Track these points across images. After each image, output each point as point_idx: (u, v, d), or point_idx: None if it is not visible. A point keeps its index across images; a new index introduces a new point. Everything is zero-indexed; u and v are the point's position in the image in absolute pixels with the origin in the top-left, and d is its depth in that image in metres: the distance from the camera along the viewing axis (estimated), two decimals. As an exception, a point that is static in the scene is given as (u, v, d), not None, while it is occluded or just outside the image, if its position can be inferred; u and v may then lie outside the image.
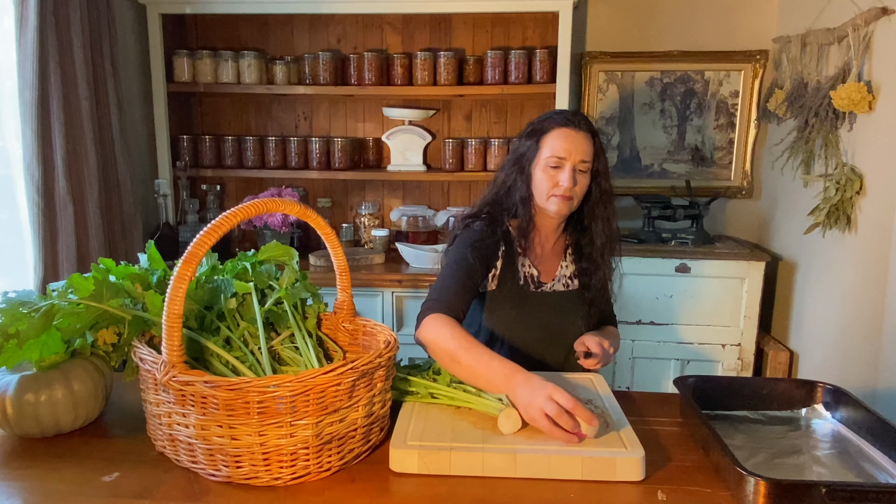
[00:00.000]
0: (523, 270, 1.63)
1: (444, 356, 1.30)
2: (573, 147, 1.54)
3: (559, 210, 1.57)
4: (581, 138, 1.55)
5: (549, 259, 1.68)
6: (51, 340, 1.14)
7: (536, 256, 1.66)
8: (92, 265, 1.21)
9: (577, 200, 1.59)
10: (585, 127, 1.57)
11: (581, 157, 1.55)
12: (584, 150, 1.55)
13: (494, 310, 1.62)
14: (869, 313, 2.09)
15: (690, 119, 3.00)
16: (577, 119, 1.57)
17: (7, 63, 2.14)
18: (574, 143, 1.55)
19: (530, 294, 1.63)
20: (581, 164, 1.55)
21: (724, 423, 1.28)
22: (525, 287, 1.63)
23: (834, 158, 2.31)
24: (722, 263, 2.57)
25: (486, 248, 1.57)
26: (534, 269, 1.65)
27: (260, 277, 1.29)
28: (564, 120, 1.57)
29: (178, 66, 2.84)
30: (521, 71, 2.77)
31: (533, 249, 1.65)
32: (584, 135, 1.56)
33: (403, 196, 3.14)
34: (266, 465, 1.02)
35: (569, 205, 1.58)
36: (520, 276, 1.63)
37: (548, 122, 1.59)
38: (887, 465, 1.12)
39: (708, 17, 2.93)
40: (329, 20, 2.98)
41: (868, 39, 2.13)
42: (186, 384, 0.98)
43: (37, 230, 2.12)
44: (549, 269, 1.67)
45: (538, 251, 1.66)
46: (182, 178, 2.89)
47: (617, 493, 1.03)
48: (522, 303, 1.62)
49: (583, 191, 1.59)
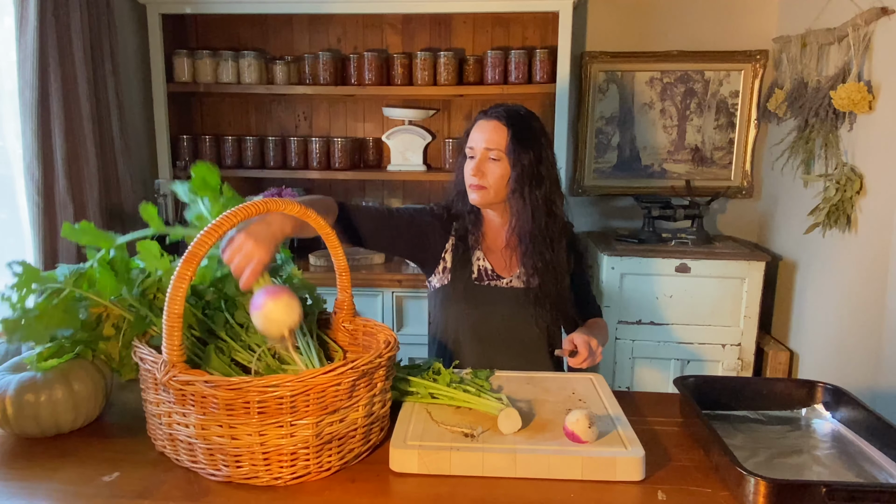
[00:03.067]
0: (477, 264, 1.64)
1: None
2: (481, 136, 1.56)
3: (474, 199, 1.58)
4: (491, 127, 1.56)
5: (506, 254, 1.65)
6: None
7: (490, 250, 1.66)
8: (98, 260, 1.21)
9: (492, 190, 1.56)
10: (497, 116, 1.56)
11: (486, 144, 1.55)
12: (492, 139, 1.55)
13: (450, 304, 1.64)
14: (869, 313, 2.09)
15: (690, 119, 3.00)
16: (494, 110, 1.59)
17: (7, 63, 2.14)
18: (482, 132, 1.56)
19: (482, 288, 1.63)
20: (488, 152, 1.55)
21: (724, 423, 1.28)
22: (478, 280, 1.63)
23: (834, 158, 2.31)
24: (722, 263, 2.57)
25: (420, 218, 1.63)
26: (487, 263, 1.64)
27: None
28: (483, 112, 1.60)
29: (178, 66, 2.84)
30: (521, 71, 2.77)
31: (485, 242, 1.66)
32: (494, 123, 1.56)
33: (403, 196, 3.14)
34: (266, 465, 1.02)
35: (482, 194, 1.57)
36: (473, 269, 1.64)
37: (476, 118, 1.62)
38: (887, 465, 1.12)
39: (708, 17, 2.93)
40: (329, 20, 2.98)
41: (868, 39, 2.13)
42: (186, 384, 0.98)
43: (37, 230, 2.12)
44: (509, 265, 1.65)
45: (490, 244, 1.67)
46: (182, 178, 2.89)
47: (617, 492, 1.03)
48: (474, 296, 1.62)
49: (495, 179, 1.55)
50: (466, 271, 1.63)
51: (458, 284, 1.63)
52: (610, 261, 2.58)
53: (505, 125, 1.55)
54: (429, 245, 1.64)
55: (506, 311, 1.62)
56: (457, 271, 1.63)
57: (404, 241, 1.65)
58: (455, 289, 1.63)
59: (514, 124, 1.55)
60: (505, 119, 1.55)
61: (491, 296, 1.63)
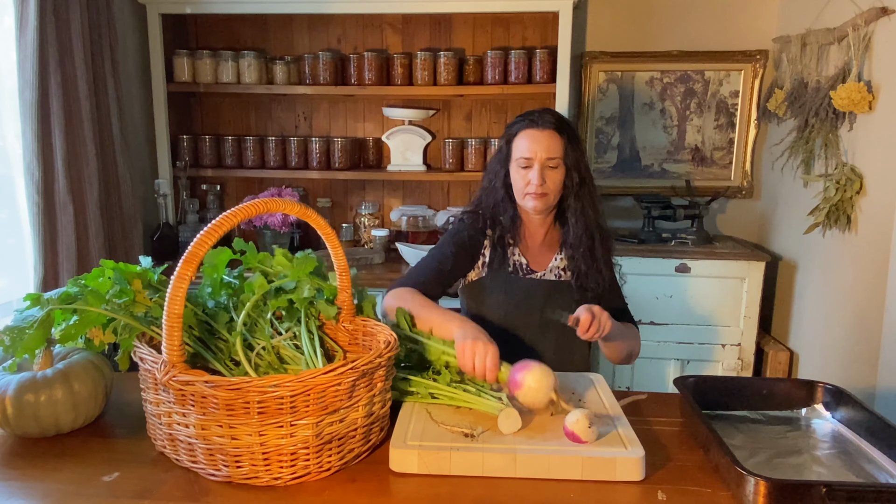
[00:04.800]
0: (513, 259, 1.71)
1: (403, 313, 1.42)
2: (538, 146, 1.61)
3: (535, 207, 1.65)
4: (545, 136, 1.62)
5: (541, 251, 1.75)
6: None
7: (527, 247, 1.74)
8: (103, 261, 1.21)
9: (552, 195, 1.65)
10: (550, 124, 1.63)
11: (547, 154, 1.62)
12: (550, 148, 1.62)
13: (485, 297, 1.70)
14: (869, 313, 2.09)
15: (690, 119, 3.00)
16: (542, 118, 1.64)
17: (7, 63, 2.14)
18: (539, 142, 1.62)
19: (519, 280, 1.70)
20: (548, 161, 1.62)
21: (724, 423, 1.28)
22: (514, 274, 1.70)
23: (834, 158, 2.31)
24: (722, 263, 2.57)
25: (468, 240, 1.69)
26: (523, 258, 1.72)
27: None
28: (529, 121, 1.65)
29: (178, 66, 2.84)
30: (521, 71, 2.77)
31: (523, 241, 1.73)
32: (549, 132, 1.62)
33: (403, 196, 3.14)
34: (266, 465, 1.02)
35: (544, 201, 1.65)
36: (509, 263, 1.70)
37: (516, 126, 1.68)
38: (887, 465, 1.12)
39: (708, 17, 2.93)
40: (329, 20, 2.98)
41: (868, 39, 2.13)
42: (186, 384, 0.98)
43: (37, 230, 2.12)
44: (542, 261, 1.74)
45: (528, 242, 1.74)
46: (182, 178, 2.89)
47: (617, 493, 1.03)
48: (510, 288, 1.69)
49: (556, 185, 1.64)
50: (503, 265, 1.70)
51: (495, 277, 1.70)
52: (610, 261, 2.58)
53: (559, 134, 1.63)
54: (476, 256, 1.72)
55: (539, 303, 1.68)
56: (493, 266, 1.70)
57: (462, 273, 1.73)
58: (491, 281, 1.70)
59: (566, 132, 1.64)
60: (558, 127, 1.63)
61: (527, 287, 1.69)
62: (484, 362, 1.23)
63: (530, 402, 1.20)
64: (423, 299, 1.49)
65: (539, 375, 1.20)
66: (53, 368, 1.17)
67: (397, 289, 1.56)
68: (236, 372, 1.18)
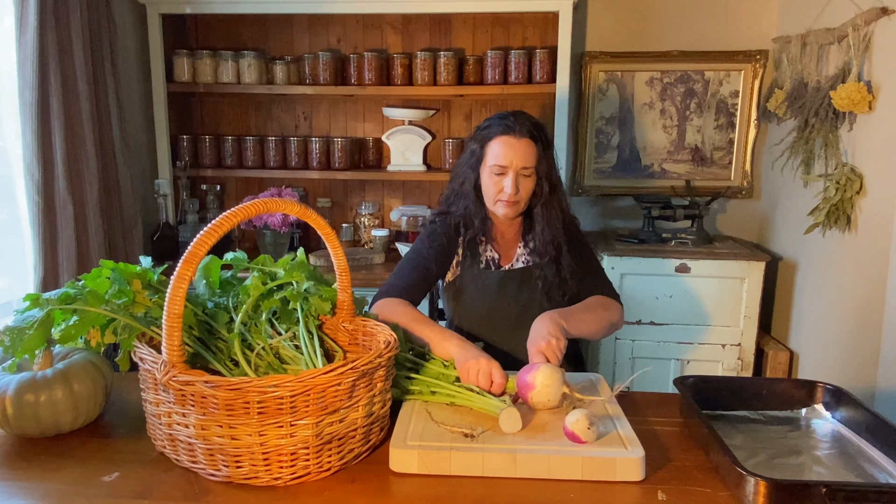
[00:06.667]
0: (485, 255, 1.74)
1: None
2: (514, 155, 1.59)
3: (506, 214, 1.67)
4: (522, 145, 1.60)
5: (508, 245, 1.77)
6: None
7: (497, 244, 1.76)
8: (102, 261, 1.21)
9: (523, 203, 1.67)
10: (527, 132, 1.60)
11: (522, 163, 1.60)
12: (525, 157, 1.60)
13: (463, 295, 1.73)
14: (869, 313, 2.09)
15: (690, 119, 3.00)
16: (518, 125, 1.60)
17: (7, 63, 2.14)
18: (515, 150, 1.60)
19: (491, 274, 1.72)
20: (523, 170, 1.61)
21: (724, 423, 1.28)
22: (486, 269, 1.73)
23: (834, 158, 2.31)
24: (722, 263, 2.57)
25: (445, 242, 1.70)
26: (495, 254, 1.74)
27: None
28: (505, 127, 1.61)
29: (178, 66, 2.84)
30: (521, 71, 2.77)
31: (494, 238, 1.75)
32: (526, 141, 1.60)
33: (403, 196, 3.14)
34: (266, 465, 1.02)
35: (515, 208, 1.66)
36: (481, 260, 1.73)
37: (491, 129, 1.64)
38: (887, 465, 1.12)
39: (708, 17, 2.93)
40: (329, 20, 2.98)
41: (868, 39, 2.13)
42: (186, 384, 0.98)
43: (37, 230, 2.12)
44: (509, 254, 1.76)
45: (499, 239, 1.76)
46: (182, 178, 2.89)
47: (617, 493, 1.03)
48: (484, 284, 1.71)
49: (527, 193, 1.65)
50: (476, 263, 1.72)
51: (469, 275, 1.72)
52: (610, 261, 2.58)
53: (534, 142, 1.61)
54: (452, 256, 1.74)
55: (513, 292, 1.71)
56: (466, 264, 1.72)
57: (442, 274, 1.75)
58: (465, 279, 1.72)
59: (540, 140, 1.63)
60: (534, 135, 1.62)
61: (499, 280, 1.71)
62: (490, 377, 1.24)
63: (545, 400, 1.21)
64: (415, 313, 1.49)
65: (548, 372, 1.21)
66: (53, 368, 1.18)
67: (386, 299, 1.55)
68: (236, 372, 1.18)
